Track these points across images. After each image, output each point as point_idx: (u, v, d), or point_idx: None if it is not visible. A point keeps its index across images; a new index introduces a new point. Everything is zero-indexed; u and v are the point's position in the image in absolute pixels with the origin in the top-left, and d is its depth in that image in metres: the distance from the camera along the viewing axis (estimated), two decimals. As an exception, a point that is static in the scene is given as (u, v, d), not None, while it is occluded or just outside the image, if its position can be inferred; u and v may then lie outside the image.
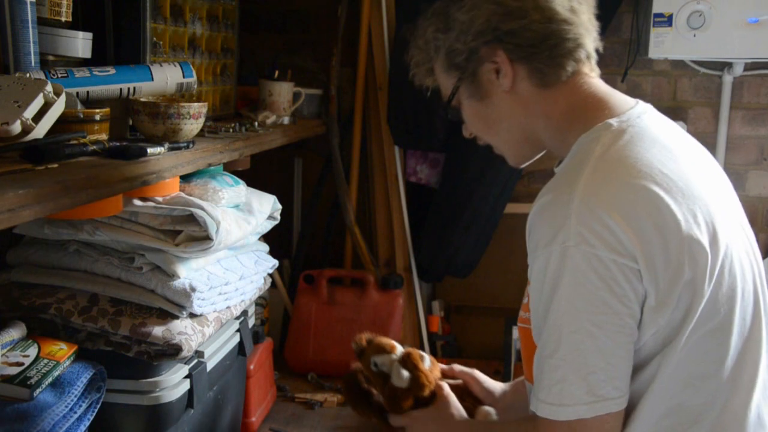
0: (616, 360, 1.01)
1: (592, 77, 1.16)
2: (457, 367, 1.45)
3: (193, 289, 1.36)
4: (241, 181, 1.62)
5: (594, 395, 1.00)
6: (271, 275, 1.77)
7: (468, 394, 1.42)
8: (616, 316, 0.99)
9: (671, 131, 1.14)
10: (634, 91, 2.19)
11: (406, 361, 1.34)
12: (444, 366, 1.44)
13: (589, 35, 1.15)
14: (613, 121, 1.09)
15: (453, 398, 1.34)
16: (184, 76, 1.42)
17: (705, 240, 1.02)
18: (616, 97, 1.15)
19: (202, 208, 1.38)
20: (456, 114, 1.23)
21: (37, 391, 1.14)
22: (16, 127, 1.04)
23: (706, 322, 1.03)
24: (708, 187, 1.08)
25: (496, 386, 1.43)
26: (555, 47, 1.12)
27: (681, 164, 1.07)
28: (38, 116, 1.08)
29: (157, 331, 1.31)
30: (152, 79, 1.37)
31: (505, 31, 1.11)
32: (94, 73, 1.30)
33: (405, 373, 1.33)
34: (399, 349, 1.38)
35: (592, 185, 1.01)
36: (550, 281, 1.00)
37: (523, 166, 1.26)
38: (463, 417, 1.32)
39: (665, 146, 1.08)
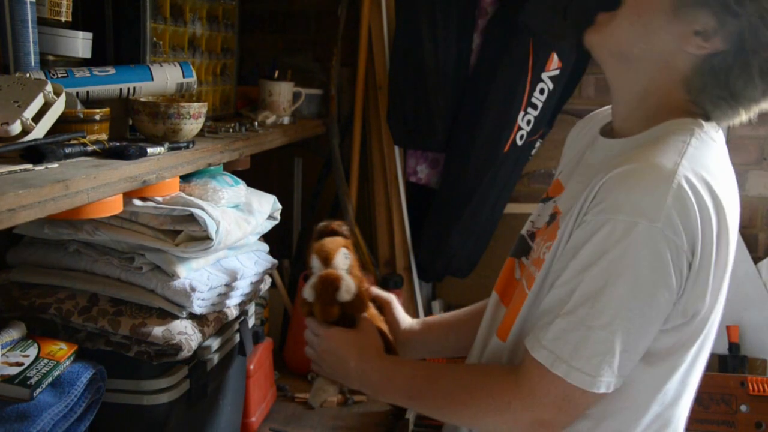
0: (646, 343, 1.03)
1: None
2: (374, 290, 1.48)
3: (193, 289, 1.36)
4: (241, 181, 1.62)
5: (618, 375, 1.01)
6: (271, 275, 1.77)
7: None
8: (667, 304, 1.01)
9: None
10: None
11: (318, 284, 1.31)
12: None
13: None
14: (705, 123, 1.09)
15: (374, 331, 1.35)
16: (184, 76, 1.42)
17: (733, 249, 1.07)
18: None
19: (202, 208, 1.37)
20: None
21: (37, 391, 1.14)
22: (16, 127, 1.04)
23: (711, 330, 1.09)
24: None
25: (405, 319, 1.47)
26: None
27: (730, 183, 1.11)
28: (38, 116, 1.08)
29: (157, 331, 1.31)
30: (152, 79, 1.37)
31: None
32: (94, 73, 1.30)
33: (309, 294, 1.32)
34: (338, 260, 1.33)
35: (693, 175, 1.00)
36: (625, 254, 0.97)
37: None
38: (381, 352, 1.31)
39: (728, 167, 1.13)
